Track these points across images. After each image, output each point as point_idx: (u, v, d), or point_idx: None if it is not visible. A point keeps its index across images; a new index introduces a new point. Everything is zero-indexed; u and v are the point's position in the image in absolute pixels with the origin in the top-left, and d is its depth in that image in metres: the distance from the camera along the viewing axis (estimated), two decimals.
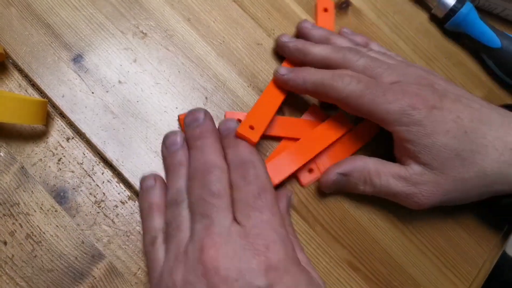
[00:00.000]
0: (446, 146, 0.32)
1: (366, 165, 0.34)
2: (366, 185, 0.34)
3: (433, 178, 0.33)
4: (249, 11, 0.40)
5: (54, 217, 0.31)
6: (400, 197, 0.34)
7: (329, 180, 0.35)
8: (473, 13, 0.42)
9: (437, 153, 0.32)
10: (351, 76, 0.33)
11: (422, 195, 0.33)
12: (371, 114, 0.33)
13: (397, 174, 0.34)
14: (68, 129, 0.33)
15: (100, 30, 0.36)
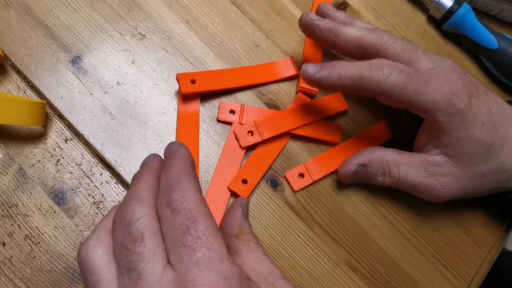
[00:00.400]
0: (479, 140, 0.32)
1: (384, 156, 0.34)
2: (385, 176, 0.34)
3: (454, 171, 0.33)
4: (248, 13, 0.40)
5: (52, 218, 0.31)
6: (419, 188, 0.34)
7: (348, 171, 0.34)
8: (470, 14, 0.42)
9: (467, 147, 0.32)
10: (391, 66, 0.32)
11: (442, 187, 0.33)
12: (415, 105, 0.32)
13: (416, 164, 0.33)
14: (67, 130, 0.33)
15: (99, 31, 0.36)
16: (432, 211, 0.38)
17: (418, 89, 0.31)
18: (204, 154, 0.35)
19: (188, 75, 0.35)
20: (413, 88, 0.31)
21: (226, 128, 0.36)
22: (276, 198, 0.35)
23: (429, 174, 0.33)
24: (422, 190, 0.34)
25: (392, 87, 0.31)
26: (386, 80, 0.31)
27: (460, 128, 0.32)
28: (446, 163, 0.33)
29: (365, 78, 0.31)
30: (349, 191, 0.37)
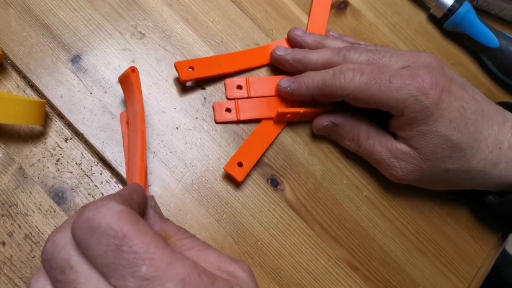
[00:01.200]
0: (443, 136, 0.32)
1: (359, 124, 0.35)
2: (353, 142, 0.36)
3: (416, 161, 0.33)
4: (248, 12, 0.40)
5: (52, 218, 0.31)
6: (380, 164, 0.35)
7: (319, 123, 0.36)
8: (471, 13, 0.42)
9: (430, 141, 0.32)
10: (352, 69, 0.33)
11: (401, 170, 0.34)
12: (381, 104, 0.32)
13: (384, 143, 0.35)
14: (67, 130, 0.33)
15: (98, 30, 0.36)
16: (433, 211, 0.38)
17: (381, 89, 0.32)
18: (204, 154, 0.35)
19: (186, 63, 0.35)
20: (376, 88, 0.32)
21: (226, 127, 0.36)
22: (276, 197, 0.35)
23: (392, 155, 0.34)
24: (383, 167, 0.35)
25: (355, 90, 0.32)
26: (347, 84, 0.33)
27: (424, 123, 0.32)
28: (409, 152, 0.34)
29: (329, 85, 0.33)
30: (350, 190, 0.37)
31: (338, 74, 0.33)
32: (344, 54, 0.35)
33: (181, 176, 0.34)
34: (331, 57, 0.35)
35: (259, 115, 0.36)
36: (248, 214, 0.34)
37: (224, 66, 0.37)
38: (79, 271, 0.20)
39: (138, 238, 0.20)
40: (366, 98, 0.32)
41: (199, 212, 0.33)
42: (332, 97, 0.34)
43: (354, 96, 0.33)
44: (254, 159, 0.35)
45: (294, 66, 0.37)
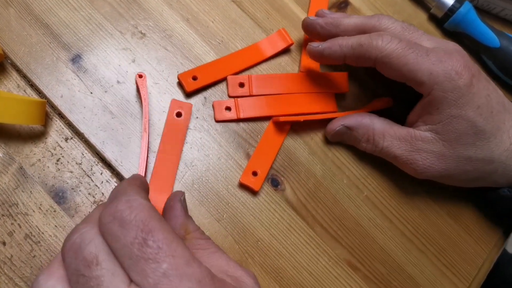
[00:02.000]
0: (470, 121, 0.32)
1: (372, 124, 0.35)
2: (369, 143, 0.35)
3: (439, 149, 0.33)
4: (248, 11, 0.40)
5: (53, 217, 0.31)
6: (400, 160, 0.34)
7: (332, 129, 0.35)
8: (472, 12, 0.42)
9: (457, 126, 0.32)
10: (390, 35, 0.32)
11: (423, 163, 0.33)
12: (413, 75, 0.32)
13: (403, 137, 0.34)
14: (67, 129, 0.33)
15: (99, 30, 0.36)
16: (433, 211, 0.38)
17: (418, 59, 0.31)
18: (204, 153, 0.35)
19: (188, 73, 0.35)
20: (413, 56, 0.31)
21: (227, 126, 0.36)
22: (277, 197, 0.35)
23: (413, 148, 0.33)
24: (403, 163, 0.34)
25: (391, 53, 0.32)
26: (385, 46, 0.32)
27: (454, 105, 0.31)
28: (433, 139, 0.33)
29: (365, 44, 0.32)
30: (350, 190, 0.37)
31: (376, 35, 0.32)
32: (378, 17, 0.35)
33: (181, 176, 0.34)
34: (364, 19, 0.35)
35: (259, 113, 0.36)
36: (248, 214, 0.34)
37: (225, 69, 0.37)
38: (104, 268, 0.20)
39: (162, 234, 0.21)
40: (400, 65, 0.32)
41: (199, 212, 0.33)
42: (365, 59, 0.33)
43: (390, 60, 0.32)
44: (267, 167, 0.35)
45: (326, 28, 0.36)
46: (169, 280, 0.20)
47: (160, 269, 0.20)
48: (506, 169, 0.33)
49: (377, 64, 0.33)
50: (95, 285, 0.20)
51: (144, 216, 0.21)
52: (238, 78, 0.37)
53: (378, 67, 0.33)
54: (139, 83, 0.33)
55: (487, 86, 0.33)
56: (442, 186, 0.39)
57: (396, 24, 0.34)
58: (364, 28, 0.35)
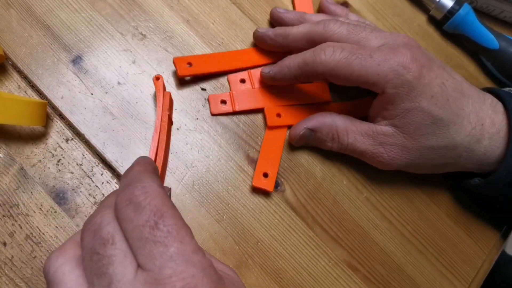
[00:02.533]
0: (426, 112, 0.32)
1: (334, 122, 0.35)
2: (334, 142, 0.35)
3: (401, 141, 0.33)
4: (248, 13, 0.40)
5: (53, 218, 0.31)
6: (366, 155, 0.35)
7: (296, 134, 0.35)
8: (471, 14, 0.42)
9: (414, 118, 0.32)
10: (332, 46, 0.33)
11: (388, 155, 0.34)
12: (362, 80, 0.32)
13: (365, 132, 0.34)
14: (68, 130, 0.33)
15: (100, 31, 0.36)
16: (433, 212, 0.38)
17: (362, 63, 0.32)
18: (205, 154, 0.35)
19: (184, 58, 0.36)
20: (357, 63, 0.32)
21: (227, 128, 0.36)
22: (276, 198, 0.35)
23: (376, 142, 0.34)
24: (369, 157, 0.35)
25: (336, 65, 0.32)
26: (328, 59, 0.32)
27: (406, 99, 0.32)
28: (394, 133, 0.33)
29: (309, 62, 0.33)
30: (350, 191, 0.37)
31: (319, 50, 0.33)
32: (324, 24, 0.35)
33: (181, 177, 0.34)
34: (311, 28, 0.35)
35: (254, 105, 0.37)
36: (248, 215, 0.34)
37: (222, 64, 0.37)
38: (118, 249, 0.21)
39: (173, 220, 0.21)
40: (347, 74, 0.32)
41: (199, 213, 0.33)
42: (314, 75, 0.34)
43: (336, 72, 0.32)
44: (276, 166, 0.35)
45: (275, 40, 0.37)
46: (175, 264, 0.20)
47: (167, 252, 0.21)
48: (470, 153, 0.34)
49: (327, 77, 0.34)
50: (107, 264, 0.21)
51: (158, 202, 0.22)
52: (238, 75, 0.37)
53: (330, 79, 0.34)
54: (155, 84, 0.33)
55: (440, 74, 0.33)
56: (442, 186, 0.39)
57: (343, 27, 0.34)
58: (312, 36, 0.35)
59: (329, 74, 0.33)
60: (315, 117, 0.36)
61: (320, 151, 0.37)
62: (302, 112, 0.37)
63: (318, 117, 0.35)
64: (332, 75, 0.33)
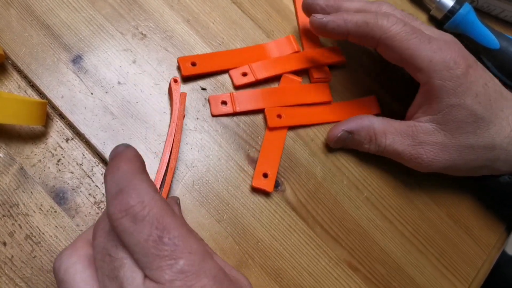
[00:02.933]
0: (469, 109, 0.32)
1: (372, 124, 0.35)
2: (371, 144, 0.35)
3: (441, 140, 0.33)
4: (249, 12, 0.40)
5: (53, 218, 0.31)
6: (404, 156, 0.34)
7: (334, 136, 0.35)
8: (471, 14, 0.42)
9: (457, 115, 0.32)
10: (397, 17, 0.33)
11: (427, 156, 0.33)
12: (413, 60, 0.32)
13: (404, 131, 0.34)
14: (68, 130, 0.33)
15: (100, 31, 0.36)
16: (433, 212, 0.38)
17: (419, 45, 0.32)
18: (205, 154, 0.35)
19: (188, 58, 0.36)
20: (415, 42, 0.32)
21: (227, 127, 0.36)
22: (277, 198, 0.35)
23: (415, 142, 0.34)
24: (408, 158, 0.35)
25: (395, 35, 0.32)
26: (390, 26, 0.32)
27: (452, 94, 0.32)
28: (434, 131, 0.33)
29: (370, 23, 0.33)
30: (350, 191, 0.37)
31: (382, 15, 0.33)
32: (379, 4, 0.35)
33: (182, 177, 0.34)
34: (365, 5, 0.35)
35: (254, 106, 0.36)
36: (249, 215, 0.34)
37: (226, 62, 0.37)
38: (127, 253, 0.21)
39: (178, 230, 0.21)
40: (402, 49, 0.32)
41: (199, 213, 0.33)
42: (369, 38, 0.33)
43: (392, 42, 0.32)
44: (275, 167, 0.35)
45: (326, 10, 0.36)
46: (186, 276, 0.20)
47: (177, 265, 0.20)
48: (508, 155, 0.34)
49: (379, 45, 0.33)
50: (118, 266, 0.21)
51: (158, 212, 0.21)
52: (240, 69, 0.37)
53: (379, 49, 0.34)
54: (173, 87, 0.33)
55: (483, 75, 0.33)
56: (442, 186, 0.39)
57: (396, 11, 0.35)
58: (366, 8, 0.35)
59: (385, 42, 0.33)
60: (353, 120, 0.36)
61: (320, 150, 0.37)
62: (303, 113, 0.37)
63: (356, 120, 0.36)
64: (387, 44, 0.33)
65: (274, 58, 0.38)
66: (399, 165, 0.38)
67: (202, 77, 0.37)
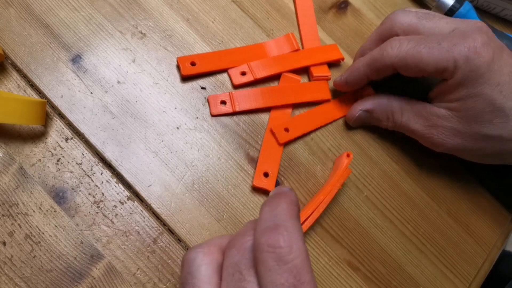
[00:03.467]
0: (489, 99, 0.31)
1: (390, 103, 0.36)
2: (389, 121, 0.37)
3: (455, 125, 0.33)
4: (248, 11, 0.40)
5: (53, 217, 0.31)
6: (417, 133, 0.36)
7: (352, 116, 0.37)
8: (472, 13, 0.42)
9: (475, 104, 0.32)
10: (398, 39, 0.33)
11: (438, 137, 0.34)
12: (432, 68, 0.32)
13: (419, 112, 0.35)
14: (67, 130, 0.33)
15: (99, 30, 0.36)
16: (433, 211, 0.38)
17: (431, 51, 0.32)
18: (205, 154, 0.35)
19: (188, 58, 0.36)
20: (426, 51, 0.32)
21: (227, 126, 0.36)
22: None
23: (429, 123, 0.34)
24: (420, 136, 0.36)
25: (405, 55, 0.32)
26: (396, 51, 0.33)
27: (472, 84, 0.31)
28: (448, 116, 0.33)
29: (377, 58, 0.34)
30: (350, 190, 0.37)
31: (385, 45, 0.34)
32: (390, 19, 0.36)
33: (181, 176, 0.34)
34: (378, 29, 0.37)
35: (254, 105, 0.36)
36: (248, 214, 0.34)
37: (225, 62, 0.37)
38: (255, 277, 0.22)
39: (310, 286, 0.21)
40: (416, 63, 0.32)
41: (199, 212, 0.33)
42: (383, 69, 0.34)
43: (405, 62, 0.33)
44: (276, 166, 0.35)
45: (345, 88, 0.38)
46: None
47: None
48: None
49: (396, 69, 0.34)
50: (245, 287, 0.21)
51: (300, 263, 0.21)
52: (238, 69, 0.37)
53: (399, 70, 0.34)
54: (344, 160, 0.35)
55: (510, 63, 0.32)
56: (442, 185, 0.39)
57: (411, 16, 0.34)
58: (381, 36, 0.36)
59: (398, 65, 0.33)
60: (371, 99, 0.37)
61: (320, 150, 0.37)
62: (307, 118, 0.37)
63: (374, 99, 0.37)
64: (401, 65, 0.33)
65: (273, 56, 0.38)
66: (400, 164, 0.38)
67: (201, 76, 0.37)
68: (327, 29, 0.42)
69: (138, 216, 0.32)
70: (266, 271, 0.21)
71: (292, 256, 0.21)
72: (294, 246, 0.21)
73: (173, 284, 0.31)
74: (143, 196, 0.32)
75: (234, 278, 0.22)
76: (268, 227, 0.22)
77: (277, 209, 0.23)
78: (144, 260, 0.31)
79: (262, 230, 0.22)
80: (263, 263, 0.21)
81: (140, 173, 0.33)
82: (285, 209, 0.23)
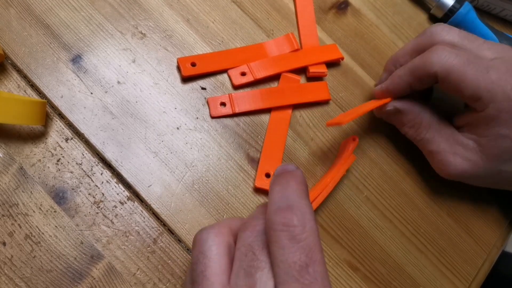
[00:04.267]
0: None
1: (422, 113, 0.35)
2: (412, 129, 0.35)
3: (476, 159, 0.32)
4: (248, 12, 0.40)
5: (53, 218, 0.31)
6: (433, 155, 0.34)
7: (384, 108, 0.35)
8: (472, 13, 0.42)
9: (502, 144, 0.31)
10: (447, 49, 0.31)
11: (454, 166, 0.33)
12: (470, 92, 0.31)
13: (447, 136, 0.34)
14: (67, 130, 0.33)
15: (99, 30, 0.36)
16: (433, 211, 0.38)
17: (477, 75, 0.30)
18: (205, 154, 0.35)
19: (188, 59, 0.36)
20: (472, 73, 0.30)
21: (227, 127, 0.36)
22: None
23: (451, 150, 0.33)
24: (436, 160, 0.34)
25: (451, 68, 0.31)
26: (442, 60, 0.31)
27: (504, 125, 0.31)
28: (473, 149, 0.33)
29: (420, 65, 0.32)
30: (350, 191, 0.37)
31: (430, 53, 0.32)
32: (430, 31, 0.34)
33: (181, 176, 0.34)
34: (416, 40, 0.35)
35: (254, 106, 0.36)
36: (248, 214, 0.34)
37: (225, 62, 0.37)
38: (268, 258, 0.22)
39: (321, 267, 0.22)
40: (459, 81, 0.31)
41: (199, 213, 0.33)
42: (426, 77, 0.32)
43: (448, 75, 0.31)
44: (277, 167, 0.35)
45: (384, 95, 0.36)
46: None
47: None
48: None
49: (437, 79, 0.32)
50: (257, 267, 0.22)
51: (313, 241, 0.22)
52: (238, 69, 0.37)
53: (439, 80, 0.32)
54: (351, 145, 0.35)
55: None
56: (442, 186, 0.39)
57: (453, 34, 0.33)
58: (418, 47, 0.34)
59: (441, 75, 0.31)
60: (408, 101, 0.35)
61: (320, 150, 0.37)
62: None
63: (410, 102, 0.35)
64: (443, 77, 0.31)
65: (273, 57, 0.38)
66: (400, 165, 0.38)
67: (201, 76, 0.37)
68: (327, 29, 0.42)
69: (138, 217, 0.32)
70: (279, 249, 0.21)
71: (305, 235, 0.21)
72: (307, 225, 0.22)
73: (173, 284, 0.31)
74: (143, 197, 0.33)
75: (247, 258, 0.22)
76: (280, 207, 0.22)
77: (288, 190, 0.23)
78: (144, 260, 0.31)
79: (274, 210, 0.22)
80: (276, 241, 0.21)
81: (140, 173, 0.33)
82: (296, 189, 0.23)
